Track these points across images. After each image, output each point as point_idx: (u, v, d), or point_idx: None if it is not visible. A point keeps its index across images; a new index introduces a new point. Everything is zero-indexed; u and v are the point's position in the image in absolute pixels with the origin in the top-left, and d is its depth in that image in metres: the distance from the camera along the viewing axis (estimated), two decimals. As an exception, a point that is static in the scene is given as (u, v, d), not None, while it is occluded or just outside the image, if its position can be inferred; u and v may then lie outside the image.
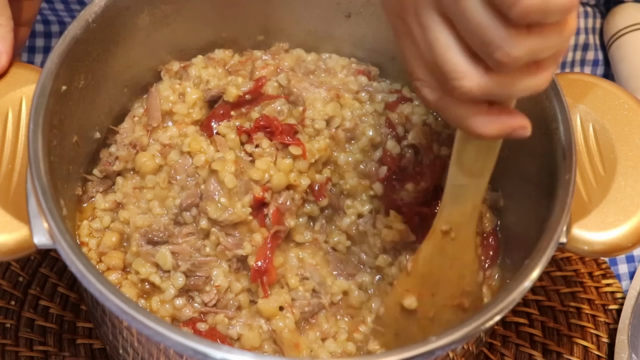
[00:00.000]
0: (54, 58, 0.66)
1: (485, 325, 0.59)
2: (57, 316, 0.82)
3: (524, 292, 0.61)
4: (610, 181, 0.70)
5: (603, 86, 0.75)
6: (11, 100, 0.69)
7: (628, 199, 0.68)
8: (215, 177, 0.73)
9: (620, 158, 0.71)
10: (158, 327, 0.55)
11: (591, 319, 0.86)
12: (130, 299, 0.58)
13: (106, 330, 0.69)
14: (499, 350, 0.83)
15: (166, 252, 0.71)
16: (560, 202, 0.65)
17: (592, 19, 1.00)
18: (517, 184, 0.75)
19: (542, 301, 0.86)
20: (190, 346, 0.55)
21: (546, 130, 0.69)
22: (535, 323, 0.85)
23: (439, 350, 0.57)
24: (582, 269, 0.89)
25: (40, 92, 0.65)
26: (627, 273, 0.90)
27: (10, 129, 0.67)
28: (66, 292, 0.83)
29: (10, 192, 0.64)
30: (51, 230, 0.60)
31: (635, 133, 0.72)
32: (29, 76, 0.70)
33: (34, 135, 0.63)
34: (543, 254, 0.63)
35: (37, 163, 0.62)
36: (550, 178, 0.67)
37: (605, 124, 0.73)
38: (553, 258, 0.85)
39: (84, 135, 0.73)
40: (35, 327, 0.81)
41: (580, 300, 0.87)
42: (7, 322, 0.80)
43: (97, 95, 0.74)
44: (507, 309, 0.60)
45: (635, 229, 0.67)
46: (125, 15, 0.72)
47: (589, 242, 0.67)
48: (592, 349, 0.84)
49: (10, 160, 0.66)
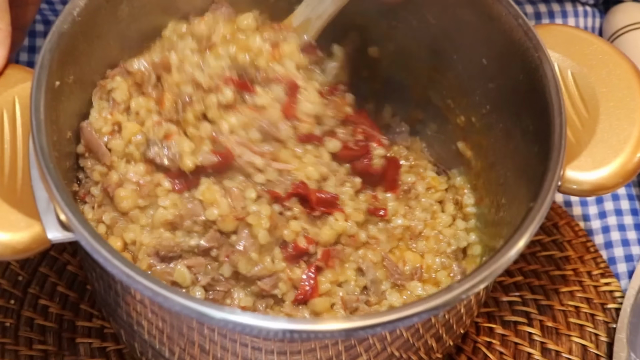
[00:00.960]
0: (45, 53, 0.66)
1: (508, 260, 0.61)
2: (57, 315, 0.82)
3: (535, 228, 0.63)
4: (595, 122, 0.72)
5: (576, 34, 0.77)
6: (5, 102, 0.69)
7: (614, 138, 0.71)
8: (249, 230, 0.71)
9: (601, 100, 0.73)
10: (175, 296, 0.57)
11: (590, 318, 0.85)
12: (151, 276, 0.59)
13: (120, 310, 0.69)
14: (498, 349, 0.83)
15: (183, 269, 0.70)
16: (556, 145, 0.66)
17: (592, 18, 1.00)
18: (507, 141, 0.76)
19: (541, 300, 0.86)
20: (195, 308, 0.57)
21: (531, 79, 0.70)
22: (534, 322, 0.85)
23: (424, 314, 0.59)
24: (581, 268, 0.88)
25: (37, 87, 0.65)
26: (625, 272, 0.89)
27: (8, 129, 0.67)
28: (65, 291, 0.83)
29: (17, 191, 0.64)
30: (69, 221, 0.60)
31: (612, 75, 0.74)
32: (18, 76, 0.70)
33: (38, 131, 0.63)
34: (546, 197, 0.64)
35: (46, 158, 0.62)
36: (541, 127, 0.69)
37: (583, 69, 0.74)
38: (551, 257, 0.89)
39: (76, 131, 0.72)
40: (34, 326, 0.81)
41: (579, 299, 0.87)
42: (7, 321, 0.81)
43: (85, 91, 0.73)
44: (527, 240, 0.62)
45: (622, 165, 0.69)
46: (106, 7, 0.72)
47: (578, 182, 0.69)
48: (590, 348, 0.83)
49: (12, 160, 0.66)
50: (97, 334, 0.80)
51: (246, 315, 0.57)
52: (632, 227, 0.92)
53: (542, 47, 0.70)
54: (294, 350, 0.64)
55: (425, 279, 0.77)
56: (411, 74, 0.85)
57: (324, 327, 0.58)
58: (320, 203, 0.74)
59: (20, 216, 0.62)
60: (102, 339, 0.80)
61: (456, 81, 0.81)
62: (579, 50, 0.76)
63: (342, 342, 0.64)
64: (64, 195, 0.61)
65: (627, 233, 0.91)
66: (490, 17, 0.73)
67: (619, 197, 0.94)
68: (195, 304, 0.57)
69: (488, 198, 0.81)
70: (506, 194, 0.77)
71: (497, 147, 0.78)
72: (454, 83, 0.81)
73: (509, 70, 0.74)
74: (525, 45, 0.71)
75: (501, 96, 0.76)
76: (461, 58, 0.79)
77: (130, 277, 0.58)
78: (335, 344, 0.64)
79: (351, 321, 0.59)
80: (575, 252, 0.89)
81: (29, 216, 0.62)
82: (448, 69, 0.81)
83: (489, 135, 0.79)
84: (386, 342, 0.66)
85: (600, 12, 1.01)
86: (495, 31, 0.74)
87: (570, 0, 0.99)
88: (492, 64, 0.76)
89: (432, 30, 0.79)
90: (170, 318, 0.64)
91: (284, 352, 0.64)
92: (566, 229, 0.91)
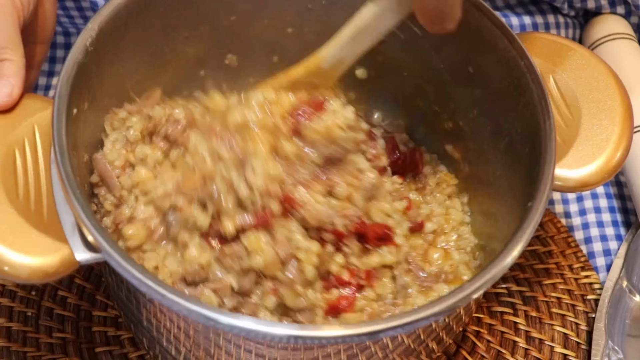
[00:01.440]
0: (63, 84, 0.66)
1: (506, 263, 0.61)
2: (74, 305, 0.82)
3: (536, 224, 0.63)
4: (578, 124, 0.73)
5: (557, 41, 0.78)
6: (25, 130, 0.68)
7: (597, 137, 0.72)
8: (298, 264, 0.68)
9: (583, 102, 0.74)
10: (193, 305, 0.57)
11: (571, 308, 0.86)
12: (163, 282, 0.59)
13: (130, 306, 0.70)
14: (486, 338, 0.83)
15: (210, 294, 0.68)
16: (548, 147, 0.67)
17: (572, 29, 1.01)
18: (496, 143, 0.76)
19: (525, 292, 0.86)
20: (202, 313, 0.57)
21: (517, 85, 0.71)
22: (519, 312, 0.85)
23: (423, 321, 0.59)
24: (563, 261, 0.89)
25: (57, 116, 0.64)
26: (604, 265, 0.90)
27: (30, 157, 0.67)
28: (82, 283, 0.83)
29: (44, 216, 0.64)
30: (97, 242, 0.60)
31: (592, 79, 0.75)
32: (36, 105, 0.70)
33: (62, 158, 0.62)
34: (542, 197, 0.64)
35: (71, 183, 0.61)
36: (530, 129, 0.69)
37: (564, 74, 0.75)
38: (535, 252, 0.89)
39: (91, 154, 0.73)
40: (54, 315, 0.81)
41: (560, 290, 0.87)
42: (29, 311, 0.81)
43: (98, 116, 0.74)
44: (526, 241, 0.62)
45: (605, 163, 0.71)
46: (114, 36, 0.72)
47: (564, 179, 0.70)
48: (571, 336, 0.84)
49: (36, 186, 0.66)
50: (112, 323, 0.81)
51: (251, 321, 0.57)
52: (610, 223, 0.92)
53: (526, 54, 0.71)
54: (297, 358, 0.64)
55: (450, 279, 0.75)
56: (399, 83, 0.85)
57: (327, 333, 0.58)
58: (377, 239, 0.72)
59: (48, 240, 0.62)
60: (116, 328, 0.80)
61: (443, 88, 0.81)
62: (561, 56, 0.77)
63: (344, 351, 0.63)
64: (90, 218, 0.60)
65: (605, 229, 0.92)
66: (477, 29, 0.74)
67: (598, 195, 0.94)
68: (202, 309, 0.57)
69: (477, 199, 0.81)
70: (496, 195, 0.76)
71: (486, 149, 0.78)
72: (441, 90, 0.81)
73: (495, 77, 0.74)
74: (510, 53, 0.72)
75: (488, 102, 0.76)
76: (448, 67, 0.79)
77: (148, 286, 0.58)
78: (337, 353, 0.63)
79: (352, 328, 0.58)
80: (558, 247, 0.90)
81: (57, 239, 0.62)
82: (435, 77, 0.81)
83: (477, 138, 0.79)
84: (388, 349, 0.66)
85: (580, 24, 1.02)
86: (480, 41, 0.74)
87: (553, 13, 0.99)
88: (479, 72, 0.76)
89: (419, 42, 0.78)
90: (178, 319, 0.64)
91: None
92: (549, 225, 0.91)
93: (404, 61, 0.82)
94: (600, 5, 0.98)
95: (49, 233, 0.63)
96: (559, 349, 0.83)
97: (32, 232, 0.62)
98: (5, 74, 0.70)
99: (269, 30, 0.82)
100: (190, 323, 0.63)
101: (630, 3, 0.96)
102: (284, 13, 0.81)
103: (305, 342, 0.59)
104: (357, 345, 0.63)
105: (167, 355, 0.71)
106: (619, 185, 0.96)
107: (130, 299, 0.68)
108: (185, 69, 0.81)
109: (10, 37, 0.71)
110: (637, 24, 0.99)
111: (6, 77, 0.70)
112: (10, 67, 0.70)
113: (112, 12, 0.71)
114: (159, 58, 0.78)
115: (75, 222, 0.62)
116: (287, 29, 0.82)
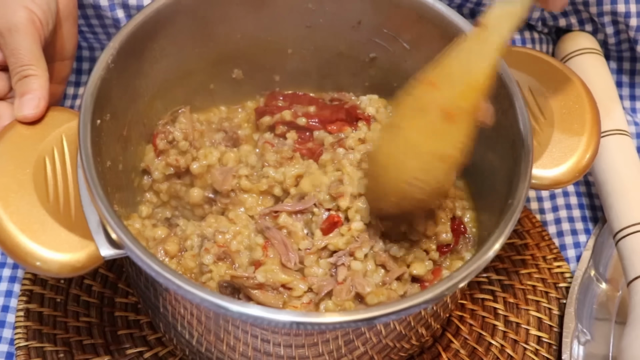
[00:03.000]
0: (87, 97, 0.67)
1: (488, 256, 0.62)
2: (99, 293, 0.82)
3: (515, 220, 0.63)
4: (552, 128, 0.73)
5: (533, 55, 0.78)
6: (54, 140, 0.69)
7: (569, 140, 0.72)
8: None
9: (555, 109, 0.74)
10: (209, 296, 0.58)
11: (544, 295, 0.86)
12: (177, 272, 0.60)
13: (148, 293, 0.70)
14: (468, 322, 0.84)
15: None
16: (526, 149, 0.67)
17: (546, 44, 1.01)
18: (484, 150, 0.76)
19: (504, 280, 0.87)
20: (213, 301, 0.58)
21: (498, 94, 0.70)
22: (499, 299, 0.85)
23: (414, 308, 0.59)
24: (537, 253, 0.89)
25: (83, 127, 0.65)
26: (574, 257, 0.91)
27: (58, 163, 0.68)
28: (106, 272, 0.84)
29: (72, 217, 0.65)
30: (121, 240, 0.61)
31: (564, 88, 0.75)
32: (63, 117, 0.71)
33: (87, 164, 0.63)
34: (522, 194, 0.65)
35: (96, 186, 0.62)
36: (510, 135, 0.70)
37: (537, 82, 0.76)
38: (513, 244, 0.90)
39: (113, 161, 0.73)
40: (80, 301, 0.82)
41: (535, 279, 0.87)
42: (58, 297, 0.81)
43: (118, 126, 0.74)
44: (507, 234, 0.63)
45: (576, 164, 0.72)
46: (133, 54, 0.73)
47: (540, 178, 0.71)
48: (545, 320, 0.84)
49: (64, 189, 0.66)
50: (132, 309, 0.81)
51: (258, 309, 0.58)
52: (580, 219, 0.93)
53: (505, 67, 0.71)
54: (299, 343, 0.64)
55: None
56: (390, 94, 0.82)
57: (326, 320, 0.58)
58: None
59: (76, 238, 0.63)
60: (136, 313, 0.81)
61: None
62: (536, 68, 0.77)
63: (341, 336, 0.63)
64: (114, 217, 0.61)
65: (575, 224, 0.92)
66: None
67: (569, 193, 0.94)
68: (213, 298, 0.58)
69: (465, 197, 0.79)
70: (480, 192, 0.77)
71: (473, 152, 0.76)
72: None
73: None
74: None
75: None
76: None
77: (165, 277, 0.59)
78: (335, 338, 0.64)
79: (349, 315, 0.59)
80: (533, 240, 0.90)
81: (84, 237, 0.63)
82: None
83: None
84: (381, 335, 0.66)
85: (552, 40, 1.01)
86: None
87: (528, 30, 0.99)
88: None
89: (409, 56, 0.79)
90: (191, 307, 0.65)
91: (290, 345, 0.64)
92: (525, 220, 0.91)
93: (394, 74, 0.81)
94: (571, 24, 0.98)
95: (77, 231, 0.64)
96: (534, 332, 0.84)
97: (61, 231, 0.63)
98: (32, 88, 0.70)
99: (271, 49, 0.82)
100: (203, 310, 0.64)
101: (597, 22, 0.97)
102: (284, 34, 0.81)
103: (306, 328, 0.59)
104: (354, 332, 0.63)
105: (181, 338, 0.72)
106: (588, 185, 0.96)
107: (149, 288, 0.69)
108: (196, 83, 0.82)
109: (33, 54, 0.71)
110: (603, 40, 1.00)
111: (32, 91, 0.70)
112: (35, 81, 0.71)
113: (131, 32, 0.72)
114: (173, 73, 0.79)
115: (100, 221, 0.63)
116: (288, 49, 0.82)
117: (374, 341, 0.66)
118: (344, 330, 0.63)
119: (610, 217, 0.85)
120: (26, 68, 0.71)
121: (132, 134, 0.77)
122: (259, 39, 0.81)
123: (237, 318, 0.61)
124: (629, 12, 0.94)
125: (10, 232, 0.62)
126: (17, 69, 0.71)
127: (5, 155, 0.67)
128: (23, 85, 0.71)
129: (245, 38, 0.81)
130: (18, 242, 0.62)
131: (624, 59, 1.01)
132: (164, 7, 0.73)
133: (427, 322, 0.71)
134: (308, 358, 0.66)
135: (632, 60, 1.01)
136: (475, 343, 0.83)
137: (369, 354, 0.68)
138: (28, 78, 0.71)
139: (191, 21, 0.76)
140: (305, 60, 0.81)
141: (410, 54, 0.78)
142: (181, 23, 0.76)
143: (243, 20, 0.79)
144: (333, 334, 0.62)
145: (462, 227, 0.76)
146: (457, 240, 0.75)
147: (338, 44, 0.81)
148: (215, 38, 0.79)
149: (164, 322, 0.72)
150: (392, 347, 0.69)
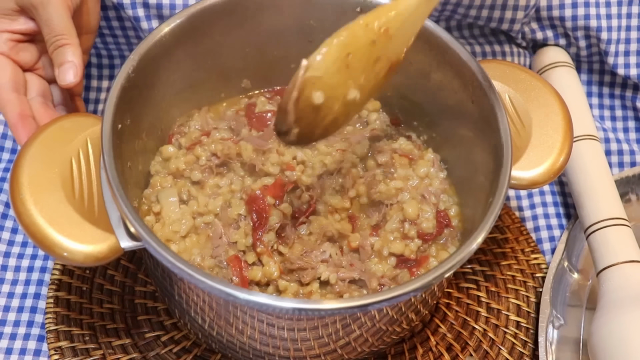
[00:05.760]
0: (109, 104, 0.66)
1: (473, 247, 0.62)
2: (120, 282, 0.82)
3: (496, 216, 0.63)
4: (529, 133, 0.73)
5: (512, 67, 0.78)
6: (80, 142, 0.69)
7: (545, 144, 0.72)
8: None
9: (533, 116, 0.74)
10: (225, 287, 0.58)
11: (523, 284, 0.86)
12: (191, 265, 0.60)
13: (165, 282, 0.70)
14: (454, 308, 0.83)
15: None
16: (506, 153, 0.67)
17: (524, 57, 1.00)
18: (462, 150, 0.77)
19: (486, 271, 0.87)
20: (224, 290, 0.58)
21: (480, 102, 0.71)
22: (482, 287, 0.85)
23: (403, 296, 0.59)
24: (517, 246, 0.89)
25: (105, 131, 0.65)
26: (549, 249, 0.90)
27: (83, 164, 0.68)
28: (127, 264, 0.84)
29: (95, 212, 0.65)
30: (139, 233, 0.61)
31: (539, 97, 0.75)
32: (88, 122, 0.70)
33: (109, 165, 0.63)
34: (502, 193, 0.65)
35: (116, 185, 0.62)
36: (492, 137, 0.69)
37: (517, 93, 0.75)
38: (495, 238, 0.89)
39: (132, 162, 0.73)
40: (104, 290, 0.81)
41: (514, 270, 0.87)
42: (84, 286, 0.81)
43: (137, 130, 0.73)
44: (488, 229, 0.63)
45: (551, 166, 0.71)
46: (152, 66, 0.72)
47: (519, 179, 0.70)
48: (523, 306, 0.84)
49: (89, 187, 0.66)
50: (151, 297, 0.81)
51: (263, 297, 0.58)
52: (554, 215, 0.92)
53: (487, 77, 0.71)
54: (301, 327, 0.64)
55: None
56: (383, 102, 0.84)
57: (325, 306, 0.58)
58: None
59: (99, 231, 0.63)
60: (154, 300, 0.81)
61: (420, 105, 0.81)
62: (515, 79, 0.77)
63: (339, 321, 0.63)
64: (132, 213, 0.61)
65: (550, 220, 0.92)
66: (450, 60, 0.74)
67: (545, 192, 0.94)
68: (223, 287, 0.58)
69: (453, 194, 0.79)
70: (466, 191, 0.76)
71: (459, 155, 0.77)
72: (419, 106, 0.81)
73: (463, 96, 0.74)
74: (475, 76, 0.72)
75: (457, 116, 0.76)
76: (429, 98, 0.79)
77: (179, 268, 0.59)
78: (334, 323, 0.63)
79: (346, 302, 0.59)
80: (512, 235, 0.90)
81: (105, 230, 0.63)
82: (414, 97, 0.80)
83: (449, 144, 0.78)
84: (375, 320, 0.66)
85: (530, 53, 1.01)
86: (449, 67, 0.74)
87: (508, 43, 0.99)
88: (448, 91, 0.75)
89: (404, 68, 0.76)
90: (203, 295, 0.64)
91: (292, 329, 0.64)
92: (505, 217, 0.91)
93: (388, 85, 0.79)
94: (547, 37, 0.98)
95: (99, 225, 0.64)
96: (513, 317, 0.84)
97: (85, 225, 0.63)
98: (68, 58, 0.70)
99: (276, 62, 0.82)
100: (213, 297, 0.64)
101: (571, 36, 0.97)
102: (288, 48, 0.80)
103: (307, 314, 0.59)
104: (350, 317, 0.63)
105: (194, 323, 0.72)
106: (562, 185, 0.95)
107: (165, 278, 0.69)
108: (209, 91, 0.81)
109: (65, 24, 0.70)
110: (575, 53, 0.99)
111: (69, 61, 0.70)
112: (70, 50, 0.70)
113: (150, 45, 0.71)
114: (188, 82, 0.78)
115: (120, 217, 0.63)
116: (291, 64, 0.80)
117: (368, 325, 0.66)
118: (341, 316, 0.62)
119: (581, 214, 0.86)
120: (60, 37, 0.70)
121: (150, 138, 0.76)
122: (264, 53, 0.81)
123: (245, 305, 0.61)
124: (601, 26, 0.94)
125: (40, 226, 0.62)
126: (52, 39, 0.70)
127: (36, 157, 0.67)
128: (59, 54, 0.70)
129: (253, 52, 0.81)
130: (47, 234, 0.62)
131: (594, 71, 1.01)
132: (178, 27, 0.73)
133: (417, 308, 0.71)
134: (309, 340, 0.66)
135: (601, 73, 1.01)
136: (461, 328, 0.83)
137: (364, 336, 0.68)
138: (63, 47, 0.70)
139: (204, 37, 0.76)
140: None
141: (405, 67, 0.76)
142: (195, 39, 0.75)
143: (250, 36, 0.78)
144: (331, 318, 0.62)
145: (447, 219, 0.76)
146: (441, 231, 0.75)
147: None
148: (225, 52, 0.79)
149: (179, 308, 0.72)
150: (385, 331, 0.69)
